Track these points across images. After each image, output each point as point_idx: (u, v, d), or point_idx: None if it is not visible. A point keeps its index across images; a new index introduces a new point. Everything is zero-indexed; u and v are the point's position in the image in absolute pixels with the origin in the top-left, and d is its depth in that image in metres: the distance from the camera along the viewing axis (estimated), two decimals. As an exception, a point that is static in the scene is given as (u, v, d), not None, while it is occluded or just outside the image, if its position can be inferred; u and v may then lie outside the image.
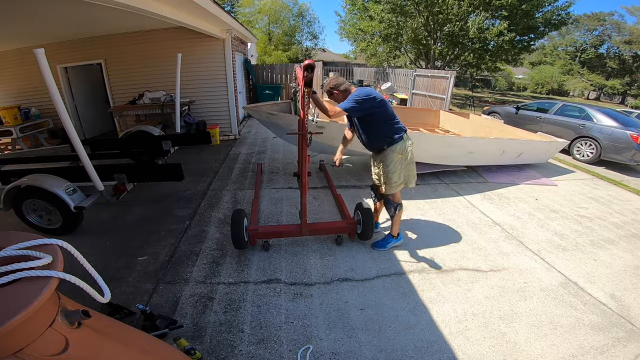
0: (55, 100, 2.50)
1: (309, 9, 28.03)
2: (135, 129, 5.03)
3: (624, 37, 28.91)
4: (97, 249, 2.97)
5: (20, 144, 5.89)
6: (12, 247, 0.87)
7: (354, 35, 17.68)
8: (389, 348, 2.01)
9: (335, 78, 2.74)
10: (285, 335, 2.08)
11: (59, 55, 6.07)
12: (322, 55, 28.88)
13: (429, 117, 6.90)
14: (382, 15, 14.14)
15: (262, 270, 2.70)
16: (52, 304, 0.88)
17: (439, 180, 4.88)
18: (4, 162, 3.80)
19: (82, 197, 3.07)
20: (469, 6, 12.79)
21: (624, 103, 27.75)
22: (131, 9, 3.15)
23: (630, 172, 6.13)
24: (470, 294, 2.51)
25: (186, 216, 3.59)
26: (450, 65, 15.78)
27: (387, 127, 2.65)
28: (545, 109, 7.65)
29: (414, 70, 12.23)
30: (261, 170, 4.94)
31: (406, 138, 2.71)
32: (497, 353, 2.01)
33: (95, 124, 7.43)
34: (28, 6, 3.32)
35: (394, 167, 2.69)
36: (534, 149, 5.40)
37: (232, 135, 7.16)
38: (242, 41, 8.98)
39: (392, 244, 3.03)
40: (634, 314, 2.38)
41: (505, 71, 26.57)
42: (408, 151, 2.71)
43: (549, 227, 3.62)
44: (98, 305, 1.61)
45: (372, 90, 2.59)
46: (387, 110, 2.63)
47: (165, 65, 6.08)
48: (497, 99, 21.20)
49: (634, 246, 3.34)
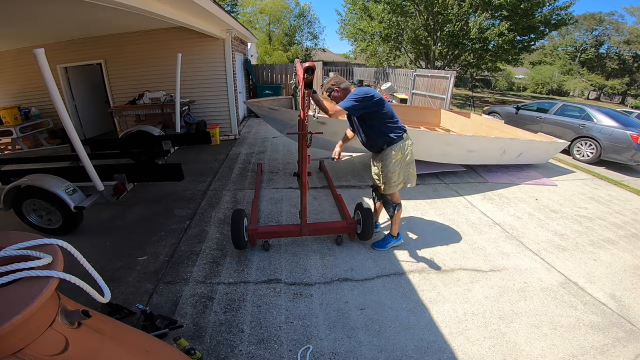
0: (55, 100, 2.49)
1: (310, 9, 28.09)
2: (135, 129, 5.03)
3: (623, 37, 28.93)
4: (97, 249, 2.97)
5: (20, 144, 5.89)
6: (12, 247, 0.87)
7: (354, 35, 17.68)
8: (389, 348, 2.01)
9: (335, 77, 2.75)
10: (285, 335, 2.08)
11: (59, 55, 6.07)
12: (322, 55, 28.88)
13: (429, 115, 6.90)
14: (382, 15, 14.15)
15: (262, 270, 2.70)
16: (52, 304, 0.88)
17: (439, 180, 4.88)
18: (4, 162, 3.80)
19: (82, 197, 3.07)
20: (469, 7, 12.79)
21: (624, 103, 27.76)
22: (131, 9, 3.15)
23: (630, 172, 6.13)
24: (470, 294, 2.51)
25: (186, 216, 3.59)
26: (450, 66, 15.78)
27: (387, 127, 2.64)
28: (545, 109, 7.65)
29: (414, 70, 12.24)
30: (261, 170, 4.94)
31: (406, 138, 2.71)
32: (497, 353, 2.01)
33: (95, 124, 7.42)
34: (28, 6, 3.32)
35: (394, 167, 2.69)
36: (534, 149, 5.40)
37: (232, 135, 7.16)
38: (242, 41, 8.98)
39: (392, 243, 3.03)
40: (634, 314, 2.38)
41: (505, 71, 26.59)
42: (407, 151, 2.71)
43: (549, 227, 3.62)
44: (98, 305, 1.61)
45: (371, 90, 2.59)
46: (386, 110, 2.62)
47: (165, 65, 6.09)
48: (497, 99, 21.20)
49: (634, 246, 3.34)
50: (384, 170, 2.75)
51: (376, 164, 2.87)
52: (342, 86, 2.69)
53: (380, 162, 2.77)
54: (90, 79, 7.13)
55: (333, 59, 29.37)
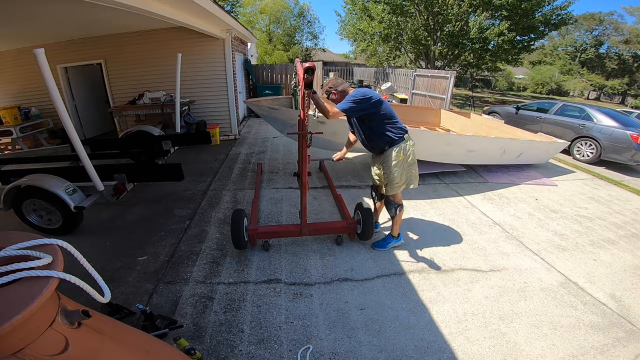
0: (55, 100, 2.49)
1: (309, 9, 28.09)
2: (135, 129, 5.03)
3: (623, 37, 28.93)
4: (97, 249, 2.97)
5: (20, 144, 5.88)
6: (12, 247, 0.87)
7: (354, 35, 17.68)
8: (389, 348, 2.01)
9: (334, 79, 2.74)
10: (285, 335, 2.08)
11: (59, 55, 6.07)
12: (322, 55, 28.88)
13: (430, 115, 6.90)
14: (382, 15, 14.15)
15: (262, 270, 2.70)
16: (52, 304, 0.88)
17: (439, 180, 4.88)
18: (4, 162, 3.80)
19: (82, 197, 3.07)
20: (469, 6, 12.79)
21: (624, 103, 27.76)
22: (131, 9, 3.15)
23: (630, 172, 6.13)
24: (470, 294, 2.51)
25: (186, 216, 3.59)
26: (450, 66, 15.78)
27: (387, 128, 2.63)
28: (545, 109, 7.65)
29: (414, 70, 12.24)
30: (261, 170, 4.94)
31: (407, 138, 2.70)
32: (497, 353, 2.01)
33: (95, 124, 7.42)
34: (28, 6, 3.32)
35: (396, 168, 2.68)
36: (534, 149, 5.40)
37: (232, 135, 7.16)
38: (242, 41, 8.98)
39: (392, 244, 3.03)
40: (634, 314, 2.38)
41: (505, 71, 26.59)
42: (409, 152, 2.69)
43: (549, 227, 3.62)
44: (98, 305, 1.61)
45: (369, 91, 2.58)
46: (385, 111, 2.60)
47: (165, 65, 6.08)
48: (497, 99, 21.21)
49: (634, 246, 3.34)
50: (386, 172, 2.74)
51: (377, 165, 2.86)
52: (340, 88, 2.67)
53: (382, 163, 2.77)
54: (90, 79, 7.13)
55: (333, 59, 29.37)
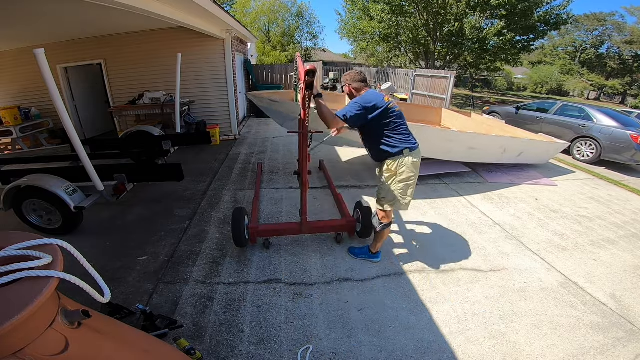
0: (55, 100, 2.49)
1: (307, 9, 28.04)
2: (135, 129, 5.03)
3: (624, 37, 28.92)
4: (97, 249, 2.97)
5: (20, 144, 5.88)
6: (12, 247, 0.87)
7: (354, 35, 17.69)
8: (389, 348, 2.01)
9: (353, 73, 2.52)
10: (285, 335, 2.08)
11: (59, 55, 6.07)
12: (322, 55, 28.88)
13: (431, 114, 6.89)
14: (382, 15, 14.16)
15: (262, 270, 2.70)
16: (52, 304, 0.88)
17: (439, 180, 4.88)
18: (4, 162, 3.80)
19: (82, 197, 3.07)
20: (466, 6, 12.79)
21: (624, 103, 27.76)
22: (131, 9, 3.15)
23: (630, 172, 6.13)
24: (470, 294, 2.51)
25: (186, 216, 3.59)
26: (450, 66, 15.79)
27: (388, 139, 2.39)
28: (545, 109, 7.65)
29: (414, 70, 12.24)
30: (261, 170, 4.94)
31: (407, 154, 2.39)
32: (497, 353, 2.01)
33: (95, 124, 7.42)
34: (28, 6, 3.32)
35: (386, 183, 2.49)
36: (534, 149, 5.40)
37: (232, 135, 7.16)
38: (242, 41, 8.98)
39: (366, 257, 2.83)
40: (634, 314, 2.38)
41: (504, 71, 26.59)
42: (404, 169, 2.40)
43: (549, 227, 3.62)
44: (98, 305, 1.61)
45: (375, 97, 2.35)
46: (391, 121, 2.37)
47: (165, 65, 6.08)
48: (497, 99, 21.21)
49: (634, 246, 3.33)
50: (378, 183, 2.60)
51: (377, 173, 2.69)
52: (354, 85, 2.47)
53: (378, 173, 2.64)
54: (90, 79, 7.13)
55: (333, 59, 29.36)
